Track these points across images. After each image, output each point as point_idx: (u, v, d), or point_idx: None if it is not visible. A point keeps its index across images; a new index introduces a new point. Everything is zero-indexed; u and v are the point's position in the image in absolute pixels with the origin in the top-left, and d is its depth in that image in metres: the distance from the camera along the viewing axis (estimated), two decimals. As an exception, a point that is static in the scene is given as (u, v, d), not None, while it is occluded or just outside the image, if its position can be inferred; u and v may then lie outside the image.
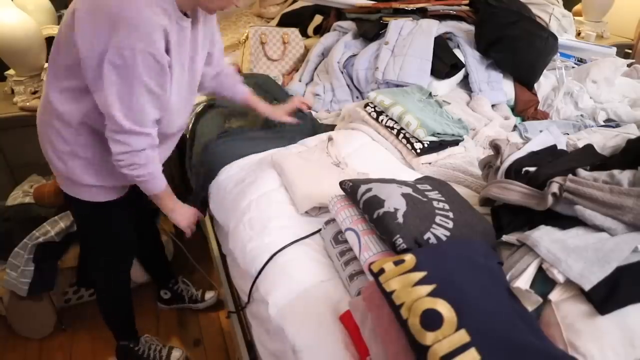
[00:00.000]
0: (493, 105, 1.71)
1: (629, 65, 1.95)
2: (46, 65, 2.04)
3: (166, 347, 1.72)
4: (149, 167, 1.18)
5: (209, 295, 1.98)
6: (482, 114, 1.63)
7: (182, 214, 1.37)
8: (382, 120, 1.44)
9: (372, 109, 1.48)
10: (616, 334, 0.66)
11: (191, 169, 1.62)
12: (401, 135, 1.39)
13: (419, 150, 1.33)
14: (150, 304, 1.96)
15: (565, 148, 1.16)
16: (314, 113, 1.75)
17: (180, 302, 1.95)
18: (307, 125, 1.60)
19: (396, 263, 0.68)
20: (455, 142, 1.40)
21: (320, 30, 2.23)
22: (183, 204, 1.39)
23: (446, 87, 1.73)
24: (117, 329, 1.66)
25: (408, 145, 1.36)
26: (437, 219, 0.85)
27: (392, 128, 1.41)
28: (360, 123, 1.51)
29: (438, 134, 1.34)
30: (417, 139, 1.34)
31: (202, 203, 1.45)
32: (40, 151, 1.25)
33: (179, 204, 1.36)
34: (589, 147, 1.10)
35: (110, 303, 1.59)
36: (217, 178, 1.39)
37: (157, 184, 1.24)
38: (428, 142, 1.33)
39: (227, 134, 1.54)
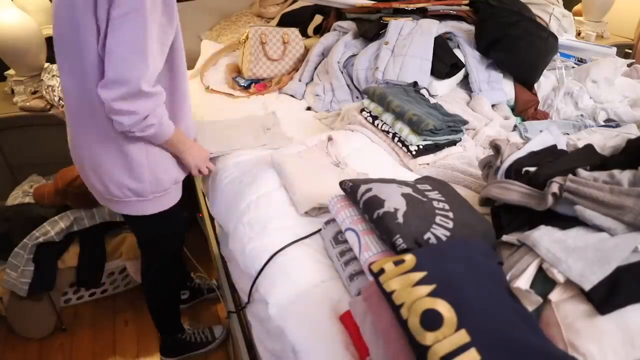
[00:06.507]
0: (493, 105, 1.71)
1: (629, 65, 1.95)
2: (47, 65, 2.04)
3: (207, 328, 1.80)
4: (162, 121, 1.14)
5: None
6: (482, 114, 1.63)
7: (192, 155, 1.28)
8: (377, 125, 1.46)
9: (368, 114, 1.50)
10: (616, 334, 0.66)
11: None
12: (396, 139, 1.40)
13: (414, 152, 1.34)
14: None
15: (565, 148, 1.16)
16: (313, 113, 1.75)
17: (200, 295, 1.97)
18: None
19: (396, 263, 0.68)
20: (453, 143, 1.40)
21: (320, 30, 2.23)
22: (198, 144, 1.31)
23: (446, 87, 1.73)
24: (170, 323, 1.68)
25: (404, 148, 1.37)
26: (437, 219, 0.85)
27: (388, 132, 1.43)
28: (359, 125, 1.51)
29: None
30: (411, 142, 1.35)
31: None
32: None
33: (190, 142, 1.27)
34: (589, 147, 1.10)
35: (167, 301, 1.61)
36: (215, 178, 1.39)
37: (166, 131, 1.16)
38: (422, 145, 1.35)
39: None
